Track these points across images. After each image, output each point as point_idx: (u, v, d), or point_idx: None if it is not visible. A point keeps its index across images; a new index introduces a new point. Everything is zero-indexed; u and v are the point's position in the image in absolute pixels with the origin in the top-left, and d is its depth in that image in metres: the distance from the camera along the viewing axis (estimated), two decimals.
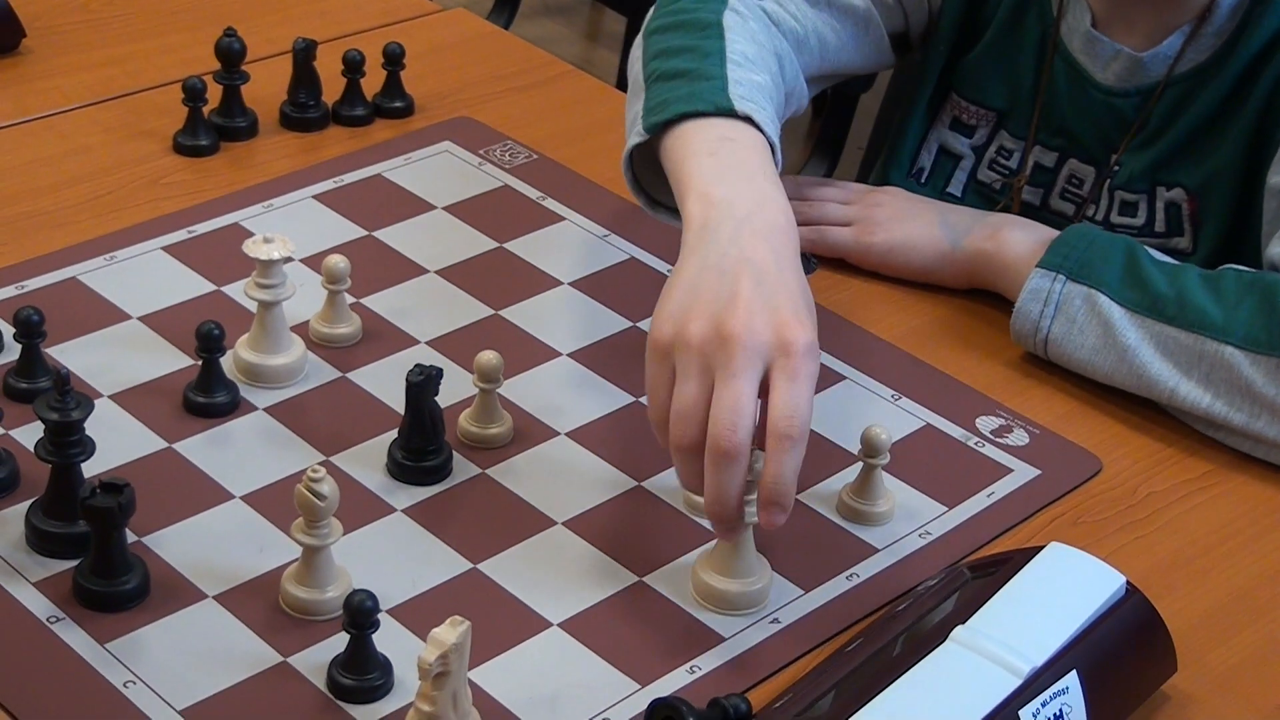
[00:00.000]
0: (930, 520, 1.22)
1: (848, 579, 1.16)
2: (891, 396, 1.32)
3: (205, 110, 1.54)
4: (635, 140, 1.28)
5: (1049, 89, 1.51)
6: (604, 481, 1.22)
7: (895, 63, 1.60)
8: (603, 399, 1.30)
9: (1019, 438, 1.29)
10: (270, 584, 1.11)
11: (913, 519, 1.21)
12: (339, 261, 1.30)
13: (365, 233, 1.45)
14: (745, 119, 1.25)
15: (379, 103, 1.61)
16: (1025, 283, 1.34)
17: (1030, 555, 1.10)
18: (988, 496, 1.24)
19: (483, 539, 1.17)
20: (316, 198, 1.49)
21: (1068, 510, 1.24)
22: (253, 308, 1.28)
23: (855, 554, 1.18)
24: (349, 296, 1.34)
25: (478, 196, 1.51)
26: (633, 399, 1.29)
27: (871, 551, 1.19)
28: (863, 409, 1.31)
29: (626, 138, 1.32)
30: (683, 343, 1.08)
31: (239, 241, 1.30)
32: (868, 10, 1.52)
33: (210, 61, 1.56)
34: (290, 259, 1.26)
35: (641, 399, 1.28)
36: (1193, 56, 1.44)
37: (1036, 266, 1.34)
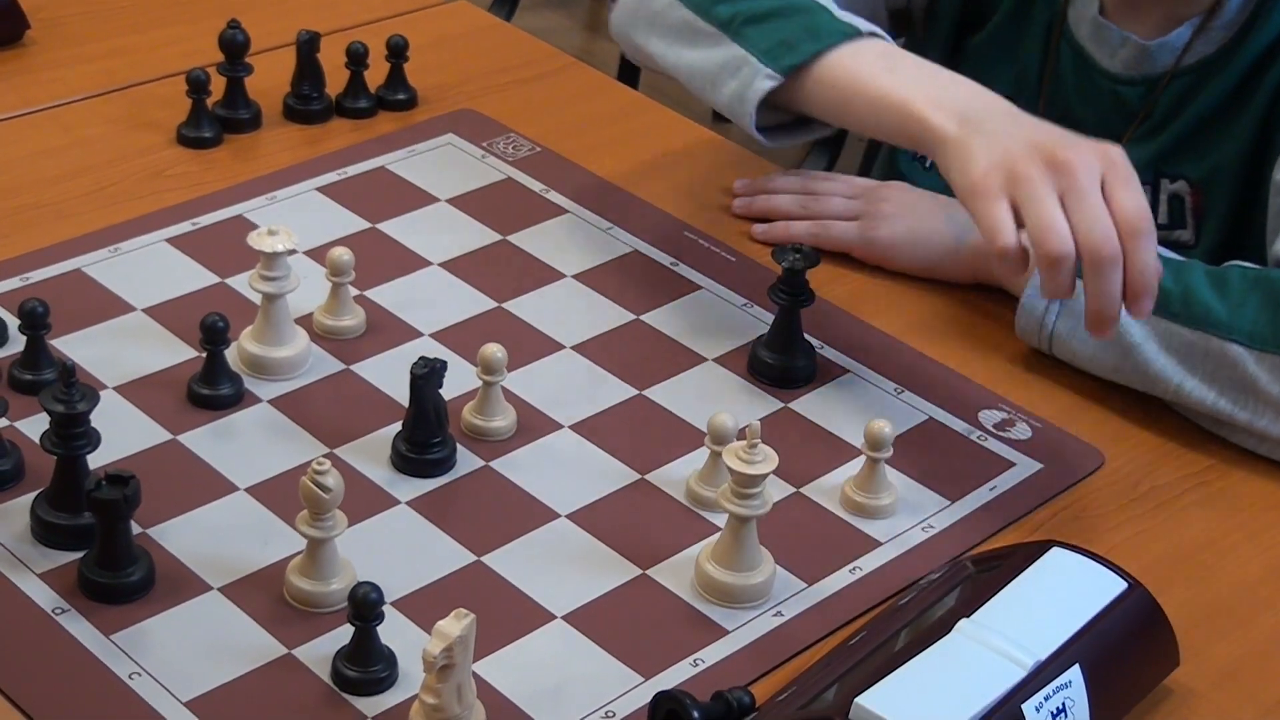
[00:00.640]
0: (933, 514, 1.22)
1: (851, 572, 1.17)
2: (894, 390, 1.33)
3: (209, 102, 1.54)
4: (769, 84, 1.34)
5: (1054, 76, 1.51)
6: (608, 474, 1.22)
7: (894, 38, 1.60)
8: (606, 392, 1.30)
9: (1022, 431, 1.30)
10: (275, 576, 1.11)
11: (916, 512, 1.22)
12: (343, 254, 1.31)
13: (369, 225, 1.45)
14: (870, 34, 1.35)
15: (382, 95, 1.61)
16: (1030, 279, 1.34)
17: (1033, 549, 1.10)
18: (990, 490, 1.24)
19: (486, 531, 1.17)
20: (320, 190, 1.49)
21: (1070, 504, 1.24)
22: (257, 300, 1.28)
23: (858, 547, 1.19)
24: (352, 289, 1.34)
25: (481, 189, 1.51)
26: (636, 391, 1.30)
27: (875, 545, 1.19)
28: (866, 402, 1.31)
29: (725, 79, 1.37)
30: (1024, 178, 1.17)
31: (243, 233, 1.31)
32: None
33: (214, 53, 1.56)
34: (294, 251, 1.26)
35: (645, 393, 1.29)
36: (1201, 49, 1.44)
37: None
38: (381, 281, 1.38)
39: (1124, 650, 1.06)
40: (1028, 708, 0.99)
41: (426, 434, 1.20)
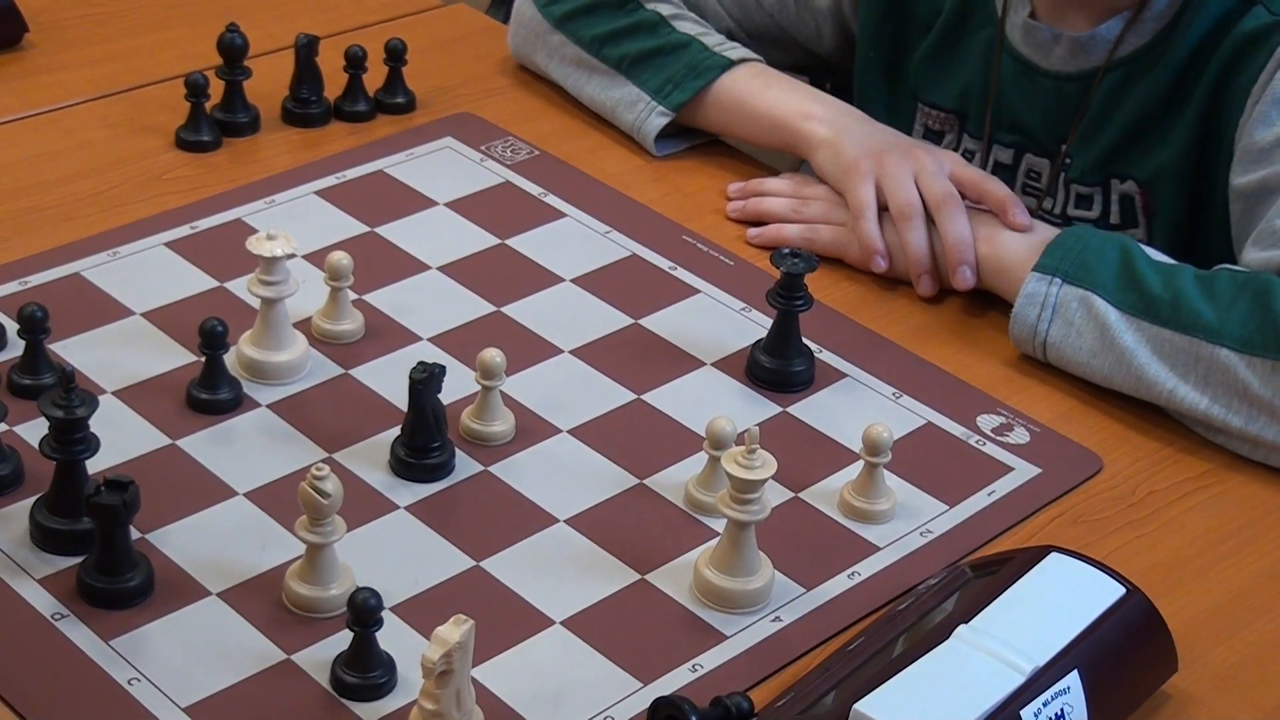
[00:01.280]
0: (931, 519, 1.22)
1: (849, 577, 1.17)
2: (893, 395, 1.33)
3: (207, 106, 1.54)
4: (662, 121, 1.57)
5: (999, 85, 1.53)
6: (606, 479, 1.23)
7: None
8: (605, 396, 1.30)
9: (1020, 436, 1.30)
10: (274, 581, 1.12)
11: (914, 517, 1.22)
12: (341, 258, 1.31)
13: (367, 229, 1.45)
14: (741, 61, 1.56)
15: (380, 98, 1.61)
16: (1021, 287, 1.34)
17: (1031, 554, 1.10)
18: (988, 495, 1.24)
19: (485, 536, 1.17)
20: (318, 193, 1.49)
21: (1068, 509, 1.24)
22: (255, 304, 1.28)
23: (857, 552, 1.19)
24: (351, 293, 1.34)
25: (479, 192, 1.51)
26: (634, 396, 1.30)
27: (873, 550, 1.19)
28: (864, 407, 1.31)
29: (623, 113, 1.58)
30: (889, 164, 1.45)
31: (241, 237, 1.31)
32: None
33: (212, 57, 1.56)
34: (293, 256, 1.26)
35: (643, 397, 1.29)
36: (1133, 40, 1.47)
37: (1032, 270, 1.34)
38: (380, 285, 1.38)
39: (1122, 655, 1.06)
40: (1026, 713, 0.99)
41: (425, 439, 1.21)
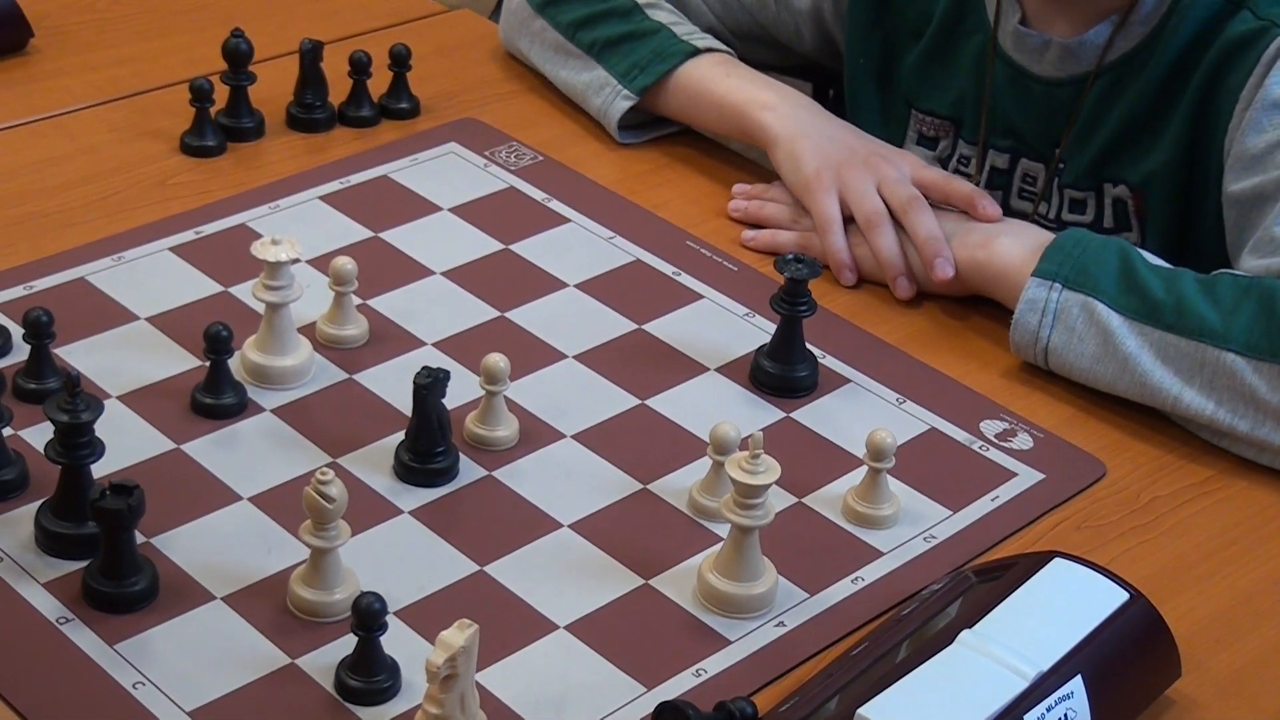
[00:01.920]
0: (935, 524, 1.22)
1: (853, 582, 1.17)
2: (896, 400, 1.33)
3: (212, 111, 1.54)
4: (627, 104, 1.58)
5: (992, 91, 1.53)
6: (610, 484, 1.23)
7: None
8: (609, 401, 1.30)
9: (1023, 441, 1.30)
10: (278, 586, 1.12)
11: (917, 523, 1.22)
12: (346, 263, 1.31)
13: (371, 234, 1.45)
14: (707, 50, 1.58)
15: (385, 104, 1.62)
16: (1021, 293, 1.34)
17: (1035, 560, 1.10)
18: (992, 500, 1.24)
19: (489, 541, 1.17)
20: (323, 199, 1.49)
21: (1072, 514, 1.24)
22: (260, 309, 1.28)
23: (860, 557, 1.19)
24: (355, 298, 1.34)
25: (483, 198, 1.51)
26: (638, 401, 1.30)
27: (876, 555, 1.19)
28: (867, 413, 1.31)
29: (591, 96, 1.60)
30: (851, 179, 1.46)
31: (246, 242, 1.31)
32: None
33: (217, 62, 1.56)
34: (297, 261, 1.27)
35: (647, 402, 1.29)
36: (1122, 44, 1.47)
37: (1032, 275, 1.34)
38: (384, 291, 1.39)
39: (1126, 661, 1.06)
40: (1030, 719, 0.99)
41: (429, 443, 1.21)
